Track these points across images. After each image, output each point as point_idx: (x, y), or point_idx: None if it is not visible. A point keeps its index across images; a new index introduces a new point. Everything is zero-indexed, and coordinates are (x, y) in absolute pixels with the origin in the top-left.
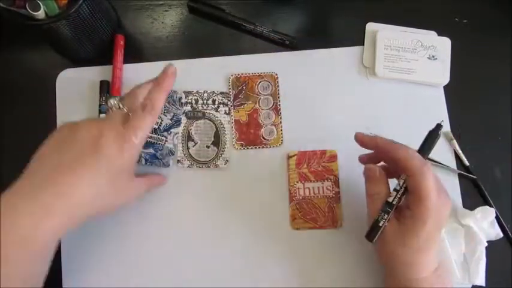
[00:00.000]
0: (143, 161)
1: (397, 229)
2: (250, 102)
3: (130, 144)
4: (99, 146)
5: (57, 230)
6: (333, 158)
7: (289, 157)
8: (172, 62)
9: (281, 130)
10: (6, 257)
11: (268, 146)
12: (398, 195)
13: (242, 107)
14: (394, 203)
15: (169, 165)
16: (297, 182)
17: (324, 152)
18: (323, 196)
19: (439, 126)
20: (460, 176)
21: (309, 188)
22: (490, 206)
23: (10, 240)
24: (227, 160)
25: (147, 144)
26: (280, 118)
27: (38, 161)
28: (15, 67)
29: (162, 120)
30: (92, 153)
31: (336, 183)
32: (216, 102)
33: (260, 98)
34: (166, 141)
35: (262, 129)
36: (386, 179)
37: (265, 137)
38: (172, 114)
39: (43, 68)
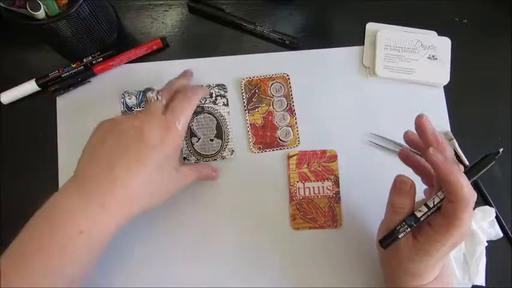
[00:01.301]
0: None
1: (411, 246)
2: (264, 104)
3: (173, 130)
4: (143, 136)
5: (113, 226)
6: (333, 157)
7: (289, 157)
8: (172, 62)
9: (297, 131)
10: (65, 247)
11: (286, 148)
12: (429, 213)
13: (256, 110)
14: (421, 219)
15: None
16: (297, 182)
17: (324, 152)
18: (323, 196)
19: (497, 153)
20: None
21: (309, 188)
22: (490, 206)
23: (68, 235)
24: (233, 150)
25: None
26: (296, 119)
27: (86, 159)
28: (15, 67)
29: None
30: (137, 144)
31: (336, 183)
32: (214, 95)
33: (273, 100)
34: None
35: (278, 131)
36: (414, 194)
37: (282, 139)
38: None
39: (43, 68)
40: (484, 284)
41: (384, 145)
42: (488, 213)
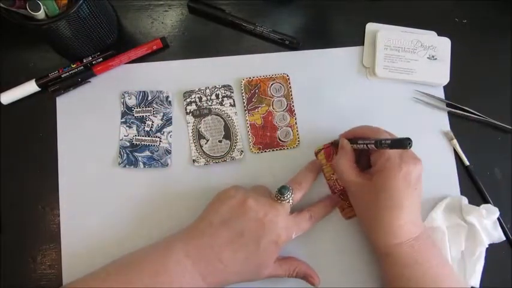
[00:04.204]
0: (141, 165)
1: (369, 188)
2: (264, 105)
3: (288, 238)
4: (263, 233)
5: None
6: None
7: (316, 154)
8: (172, 62)
9: (297, 131)
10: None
11: (285, 148)
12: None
13: (256, 110)
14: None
15: (167, 164)
16: (333, 174)
17: None
18: None
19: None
20: (459, 175)
21: None
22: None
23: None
24: (242, 151)
25: (142, 148)
26: (296, 119)
27: (206, 225)
28: (15, 67)
29: (153, 122)
30: (256, 236)
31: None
32: (220, 96)
33: (273, 100)
34: (160, 141)
35: (278, 132)
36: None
37: (282, 139)
38: (162, 114)
39: (43, 68)
40: (478, 286)
41: None
42: (492, 211)
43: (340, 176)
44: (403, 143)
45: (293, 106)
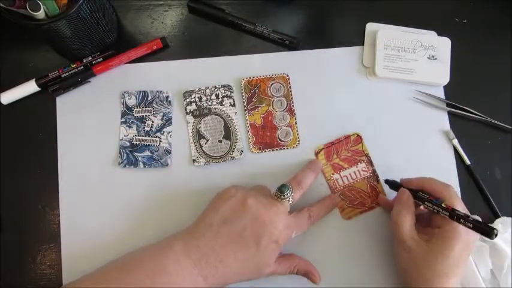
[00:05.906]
0: (141, 165)
1: (426, 250)
2: (264, 105)
3: (288, 237)
4: (263, 232)
5: None
6: (358, 140)
7: (316, 153)
8: (172, 62)
9: (297, 131)
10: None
11: (285, 148)
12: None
13: (256, 110)
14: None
15: (167, 164)
16: (333, 174)
17: (347, 137)
18: (362, 179)
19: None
20: (460, 175)
21: (346, 176)
22: (491, 206)
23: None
24: (242, 151)
25: (142, 148)
26: (295, 119)
27: (205, 226)
28: (15, 67)
29: (153, 122)
30: (256, 235)
31: (369, 162)
32: (220, 96)
33: (273, 100)
34: (160, 141)
35: (278, 131)
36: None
37: (282, 139)
38: (162, 114)
39: (43, 68)
40: None
41: None
42: (508, 223)
43: (400, 230)
44: (488, 233)
45: (293, 106)
